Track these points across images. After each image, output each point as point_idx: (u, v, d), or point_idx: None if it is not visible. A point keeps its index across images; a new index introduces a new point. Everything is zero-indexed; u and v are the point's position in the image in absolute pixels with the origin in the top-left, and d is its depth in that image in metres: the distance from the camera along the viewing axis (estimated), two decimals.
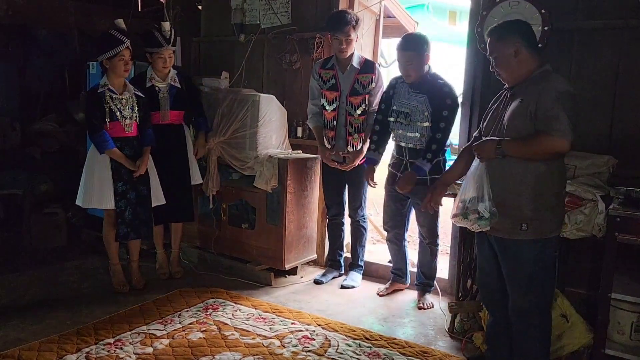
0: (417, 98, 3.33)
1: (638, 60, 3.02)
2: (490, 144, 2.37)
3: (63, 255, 4.31)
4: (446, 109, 3.24)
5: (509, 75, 2.40)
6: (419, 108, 3.31)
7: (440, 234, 3.61)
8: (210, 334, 3.01)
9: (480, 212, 2.40)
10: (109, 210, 3.49)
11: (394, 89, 3.46)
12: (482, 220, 2.41)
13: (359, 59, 3.67)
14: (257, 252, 3.97)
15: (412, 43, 3.28)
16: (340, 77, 3.68)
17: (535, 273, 2.37)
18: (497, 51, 2.39)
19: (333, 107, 3.71)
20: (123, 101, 3.42)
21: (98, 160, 3.42)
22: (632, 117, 3.05)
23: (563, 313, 2.74)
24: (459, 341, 3.05)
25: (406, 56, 3.26)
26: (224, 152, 3.98)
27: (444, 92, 3.26)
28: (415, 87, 3.34)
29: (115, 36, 3.33)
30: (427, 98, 3.29)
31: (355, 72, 3.64)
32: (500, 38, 2.38)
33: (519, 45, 2.33)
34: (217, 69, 4.52)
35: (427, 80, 3.31)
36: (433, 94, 3.28)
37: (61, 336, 2.90)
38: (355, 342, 2.98)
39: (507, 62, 2.37)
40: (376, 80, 3.64)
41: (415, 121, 3.33)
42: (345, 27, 3.49)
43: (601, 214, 2.64)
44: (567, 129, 2.20)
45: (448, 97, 3.25)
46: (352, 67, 3.64)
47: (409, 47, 3.27)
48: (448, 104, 3.24)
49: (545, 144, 2.24)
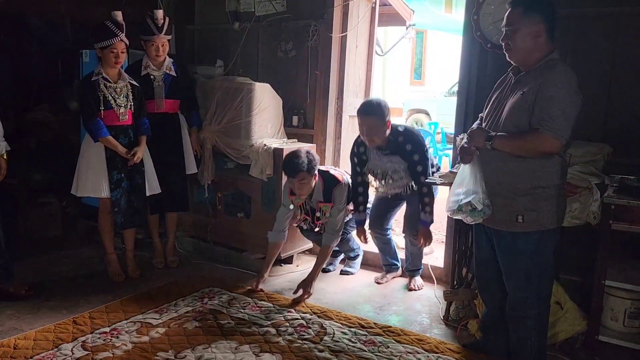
0: (391, 159, 3.39)
1: (633, 47, 3.01)
2: (482, 134, 2.33)
3: (58, 244, 4.29)
4: (414, 154, 3.32)
5: (519, 55, 2.29)
6: (396, 167, 3.39)
7: (435, 221, 3.62)
8: (206, 322, 3.02)
9: (474, 204, 2.39)
10: (104, 199, 3.49)
11: (365, 154, 3.49)
12: (475, 213, 2.40)
13: (320, 191, 3.53)
14: (252, 241, 3.97)
15: (373, 108, 3.29)
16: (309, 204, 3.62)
17: (532, 265, 2.36)
18: (518, 24, 2.25)
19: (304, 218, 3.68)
20: (117, 90, 3.40)
21: (93, 149, 3.41)
22: (627, 105, 3.05)
23: (557, 300, 2.76)
24: (454, 329, 3.07)
25: (368, 121, 3.28)
26: (219, 141, 3.97)
27: (407, 151, 3.33)
28: (384, 149, 3.39)
29: (109, 28, 3.30)
30: (400, 157, 3.36)
31: (317, 202, 3.58)
32: (526, 12, 2.23)
33: (541, 27, 2.23)
34: (212, 57, 4.49)
35: (392, 141, 3.35)
36: (402, 153, 3.35)
37: (57, 325, 2.90)
38: (351, 330, 2.99)
39: (522, 41, 2.25)
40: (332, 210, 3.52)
41: (397, 179, 3.42)
42: (297, 174, 3.36)
43: (596, 202, 2.65)
44: (562, 128, 2.14)
45: (415, 153, 3.32)
46: (316, 198, 3.56)
47: (370, 112, 3.28)
48: (416, 159, 3.33)
49: (536, 143, 2.19)
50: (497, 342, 2.71)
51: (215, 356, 2.66)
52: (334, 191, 3.52)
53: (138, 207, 3.57)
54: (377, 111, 3.26)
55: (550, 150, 2.21)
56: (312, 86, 4.18)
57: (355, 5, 4.16)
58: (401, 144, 3.35)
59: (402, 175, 3.41)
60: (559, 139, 2.16)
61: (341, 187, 3.54)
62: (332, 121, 4.20)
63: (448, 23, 10.30)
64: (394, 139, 3.35)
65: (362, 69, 4.41)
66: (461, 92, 3.58)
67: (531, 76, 2.27)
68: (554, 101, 2.16)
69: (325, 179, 3.55)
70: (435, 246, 4.22)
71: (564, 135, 2.17)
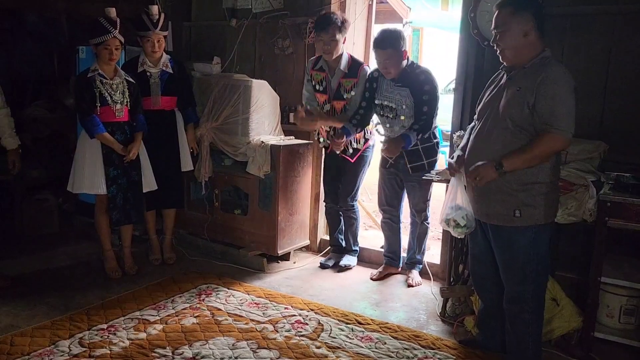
0: (400, 91, 3.38)
1: (630, 45, 3.02)
2: (489, 167, 2.29)
3: (55, 241, 4.29)
4: (426, 94, 3.31)
5: (512, 55, 2.32)
6: (403, 101, 3.37)
7: (430, 212, 3.65)
8: (204, 319, 3.02)
9: (457, 220, 2.56)
10: (100, 195, 3.48)
11: (377, 82, 3.49)
12: (458, 228, 2.59)
13: (346, 61, 3.61)
14: (249, 238, 3.97)
15: (389, 40, 3.28)
16: (329, 79, 3.66)
17: (529, 260, 2.38)
18: (507, 26, 2.29)
19: (326, 110, 3.72)
20: (114, 86, 3.39)
21: (89, 146, 3.40)
22: (624, 102, 3.06)
23: (553, 297, 2.78)
24: (450, 325, 3.08)
25: (384, 54, 3.29)
26: (216, 138, 3.96)
27: (420, 80, 3.32)
28: (397, 81, 3.39)
29: (103, 25, 3.29)
30: (409, 91, 3.35)
31: (340, 75, 3.62)
32: (515, 12, 2.27)
33: (531, 25, 2.26)
34: (209, 54, 4.48)
35: (407, 73, 3.35)
36: (413, 85, 3.34)
37: (54, 322, 2.90)
38: (348, 326, 3.00)
39: (514, 40, 2.29)
40: (357, 87, 3.58)
41: (401, 114, 3.39)
42: (329, 27, 3.45)
43: (592, 199, 2.66)
44: (567, 124, 2.20)
45: (425, 84, 3.32)
46: (339, 71, 3.61)
47: (386, 45, 3.28)
48: (426, 89, 3.31)
49: (548, 146, 2.22)
50: (494, 338, 2.73)
51: (213, 352, 2.66)
52: (361, 68, 3.58)
53: (135, 204, 3.56)
54: (391, 44, 3.26)
55: (562, 148, 2.29)
56: None
57: (352, 2, 4.15)
58: (417, 77, 3.33)
59: (407, 112, 3.36)
60: (567, 136, 2.23)
61: (367, 69, 3.60)
62: None
63: (445, 20, 10.28)
64: (410, 71, 3.35)
65: None
66: (458, 89, 3.59)
67: (526, 73, 2.30)
68: (556, 100, 2.20)
69: (352, 57, 3.64)
70: (431, 243, 4.24)
71: (570, 131, 2.23)
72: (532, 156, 2.25)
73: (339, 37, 3.50)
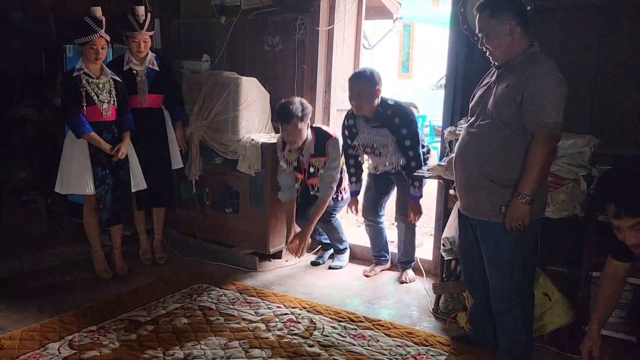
0: (379, 132, 3.40)
1: (619, 39, 3.02)
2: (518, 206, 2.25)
3: (44, 243, 4.23)
4: (407, 137, 3.33)
5: (501, 54, 2.33)
6: (384, 141, 3.40)
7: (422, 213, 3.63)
8: (195, 319, 3.00)
9: (443, 242, 2.89)
10: (88, 196, 3.44)
11: (354, 126, 3.51)
12: (445, 250, 2.90)
13: (311, 143, 3.56)
14: (241, 236, 3.95)
15: (365, 75, 3.32)
16: (302, 160, 3.64)
17: (515, 256, 2.38)
18: (490, 28, 2.30)
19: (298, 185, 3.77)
20: (100, 85, 3.35)
21: (76, 146, 3.36)
22: (613, 96, 3.06)
23: (545, 292, 2.78)
24: (443, 321, 3.08)
25: (357, 86, 3.30)
26: (206, 136, 3.93)
27: (395, 124, 3.34)
28: (372, 121, 3.40)
29: (88, 24, 3.25)
30: (388, 130, 3.36)
31: (309, 156, 3.60)
32: (493, 14, 2.28)
33: (513, 23, 2.26)
34: (198, 52, 4.44)
35: (381, 113, 3.36)
36: (390, 126, 3.35)
37: (43, 325, 2.87)
38: (341, 324, 2.99)
39: (500, 41, 2.29)
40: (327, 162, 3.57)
41: (385, 153, 3.42)
42: (291, 120, 3.41)
43: (583, 194, 2.66)
44: (555, 120, 2.20)
45: (402, 127, 3.34)
46: (307, 152, 3.59)
47: (360, 77, 3.32)
48: (404, 133, 3.33)
49: (543, 147, 2.22)
50: (486, 334, 2.73)
51: (205, 353, 2.64)
52: (327, 144, 3.57)
53: (124, 204, 3.53)
54: (368, 78, 3.30)
55: (556, 140, 2.30)
56: (300, 80, 4.16)
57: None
58: (389, 117, 3.35)
59: (391, 150, 3.40)
60: (556, 130, 2.23)
61: (334, 140, 3.59)
62: (319, 115, 4.19)
63: (435, 16, 10.30)
64: (382, 111, 3.36)
65: (349, 62, 4.39)
66: (449, 85, 3.58)
67: (514, 70, 2.31)
68: (544, 94, 2.20)
69: (317, 133, 3.62)
70: (424, 239, 4.24)
71: (557, 126, 2.23)
72: (539, 169, 2.24)
73: (302, 126, 3.47)
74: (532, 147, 2.24)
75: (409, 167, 3.37)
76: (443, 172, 3.04)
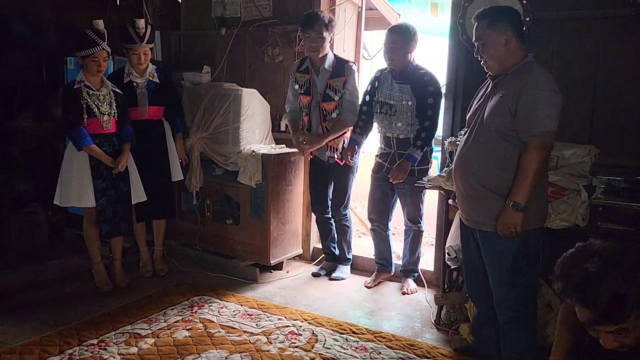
0: (401, 88, 3.40)
1: (618, 50, 3.03)
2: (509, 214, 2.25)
3: (44, 255, 4.23)
4: (430, 97, 3.35)
5: (496, 64, 2.34)
6: (403, 98, 3.39)
7: (424, 220, 3.66)
8: (196, 332, 2.98)
9: (448, 251, 2.89)
10: (89, 208, 3.44)
11: (378, 81, 3.52)
12: (449, 259, 2.90)
13: (331, 61, 3.62)
14: (242, 247, 3.94)
15: (401, 28, 3.40)
16: (314, 81, 3.65)
17: (517, 265, 2.37)
18: (487, 38, 2.32)
19: (305, 113, 3.74)
20: (100, 97, 3.36)
21: (76, 158, 3.36)
22: (613, 106, 3.07)
23: (547, 302, 2.77)
24: (445, 333, 3.06)
25: (392, 38, 3.36)
26: (206, 147, 3.94)
27: (425, 80, 3.36)
28: (398, 77, 3.42)
29: (91, 37, 3.27)
30: (410, 88, 3.37)
31: (327, 75, 3.61)
32: (491, 24, 2.30)
33: (510, 34, 2.28)
34: (199, 63, 4.45)
35: (410, 71, 3.39)
36: (415, 84, 3.37)
37: (43, 338, 2.85)
38: (342, 336, 2.97)
39: (496, 51, 2.31)
40: (347, 84, 3.59)
41: (400, 111, 3.40)
42: (315, 24, 3.48)
43: (584, 204, 2.66)
44: (548, 129, 2.19)
45: (430, 85, 3.36)
46: (324, 70, 3.61)
47: (396, 30, 3.38)
48: (431, 91, 3.35)
49: (536, 156, 2.21)
50: (489, 345, 2.71)
51: None
52: (347, 65, 3.59)
53: (124, 216, 3.52)
54: (401, 32, 3.35)
55: (548, 152, 2.28)
56: None
57: (341, 9, 4.15)
58: (421, 77, 3.36)
59: (406, 110, 3.38)
60: (549, 139, 2.23)
61: (353, 64, 3.63)
62: None
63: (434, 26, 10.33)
64: (413, 70, 3.39)
65: None
66: (448, 95, 3.58)
67: (508, 80, 2.32)
68: (537, 104, 2.20)
69: (337, 56, 3.66)
70: (425, 249, 4.22)
71: (551, 134, 2.23)
72: (532, 175, 2.23)
73: (326, 35, 3.52)
74: (525, 155, 2.24)
75: (419, 137, 3.35)
76: (444, 182, 3.03)
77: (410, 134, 3.41)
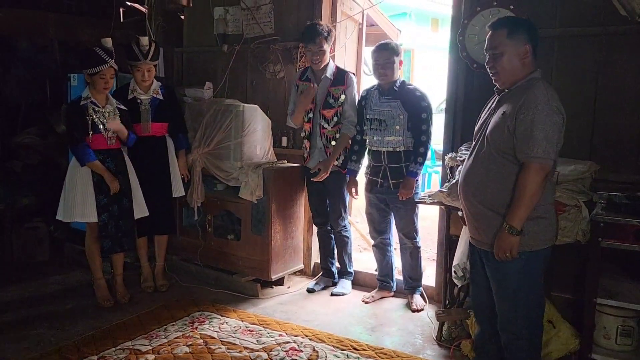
0: (390, 103, 3.48)
1: (617, 66, 3.05)
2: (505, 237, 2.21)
3: (45, 270, 4.23)
4: (424, 112, 3.44)
5: (506, 76, 2.27)
6: (393, 113, 3.46)
7: (419, 233, 3.66)
8: (197, 347, 2.97)
9: (455, 269, 2.90)
10: (91, 223, 3.45)
11: (365, 100, 3.62)
12: (456, 277, 2.90)
13: (332, 70, 3.71)
14: (243, 263, 3.93)
15: (391, 45, 3.50)
16: (314, 89, 3.69)
17: (520, 287, 2.32)
18: (503, 48, 2.22)
19: (307, 119, 3.77)
20: (105, 114, 3.39)
21: (80, 174, 3.38)
22: (613, 122, 3.08)
23: (549, 319, 2.75)
24: (446, 349, 3.05)
25: (385, 55, 3.45)
26: (208, 163, 3.95)
27: (417, 96, 3.46)
28: (386, 93, 3.50)
29: (99, 54, 3.31)
30: (401, 103, 3.45)
31: (328, 84, 3.69)
32: (511, 34, 2.21)
33: (528, 47, 2.22)
34: (201, 80, 4.50)
35: (397, 87, 3.48)
36: (406, 99, 3.45)
37: (43, 354, 2.85)
38: (343, 352, 2.96)
39: (510, 63, 2.23)
40: (347, 93, 3.65)
41: (391, 125, 3.47)
42: (316, 38, 3.57)
43: (585, 220, 2.65)
44: (545, 150, 2.13)
45: (423, 100, 3.45)
46: (326, 79, 3.69)
47: (387, 47, 3.47)
48: (424, 106, 3.45)
49: (532, 178, 2.14)
50: None
51: None
52: (347, 76, 3.69)
53: (126, 231, 3.53)
54: (390, 48, 3.47)
55: (545, 173, 2.18)
56: None
57: (342, 26, 4.20)
58: (412, 92, 3.45)
59: (399, 121, 3.44)
60: (546, 162, 2.16)
61: (354, 77, 3.73)
62: None
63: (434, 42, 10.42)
64: (401, 86, 3.47)
65: None
66: (449, 110, 3.61)
67: (512, 95, 2.26)
68: (535, 124, 2.14)
69: (338, 66, 3.76)
70: (427, 264, 4.21)
71: (549, 156, 2.16)
72: (528, 199, 2.17)
73: (326, 47, 3.64)
74: (521, 176, 2.18)
75: (418, 153, 3.43)
76: (444, 198, 3.03)
77: (401, 147, 3.47)
